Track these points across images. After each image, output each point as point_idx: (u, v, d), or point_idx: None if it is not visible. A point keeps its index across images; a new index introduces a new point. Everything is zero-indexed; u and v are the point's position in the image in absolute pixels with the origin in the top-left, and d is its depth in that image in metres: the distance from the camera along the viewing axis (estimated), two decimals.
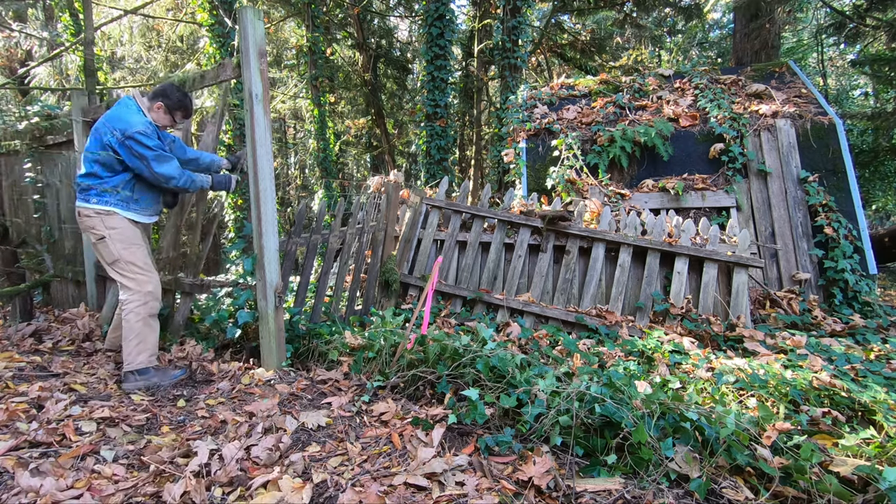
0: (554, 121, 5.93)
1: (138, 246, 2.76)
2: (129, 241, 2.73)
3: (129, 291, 2.69)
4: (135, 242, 2.75)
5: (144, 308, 2.69)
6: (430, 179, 9.05)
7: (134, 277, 2.70)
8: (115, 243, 2.68)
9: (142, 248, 2.78)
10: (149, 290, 2.71)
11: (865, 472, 1.71)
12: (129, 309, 2.67)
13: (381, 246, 4.56)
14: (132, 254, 2.71)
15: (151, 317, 2.73)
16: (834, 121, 5.22)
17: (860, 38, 8.93)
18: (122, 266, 2.70)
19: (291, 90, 13.61)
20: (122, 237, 2.71)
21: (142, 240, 2.82)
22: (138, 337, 2.66)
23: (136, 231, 2.79)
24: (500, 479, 1.78)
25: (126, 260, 2.69)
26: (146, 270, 2.75)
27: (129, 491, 1.64)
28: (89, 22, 4.31)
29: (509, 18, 8.79)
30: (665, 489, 1.72)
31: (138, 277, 2.71)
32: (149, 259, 2.80)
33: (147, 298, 2.70)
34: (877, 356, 3.31)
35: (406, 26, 15.98)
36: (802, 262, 4.91)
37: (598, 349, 3.33)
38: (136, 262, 2.72)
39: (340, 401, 2.44)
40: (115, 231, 2.69)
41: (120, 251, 2.68)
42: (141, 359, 2.66)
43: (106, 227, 2.68)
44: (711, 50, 15.87)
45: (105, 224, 2.68)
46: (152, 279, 2.75)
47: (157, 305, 2.76)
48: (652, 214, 4.51)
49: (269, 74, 2.71)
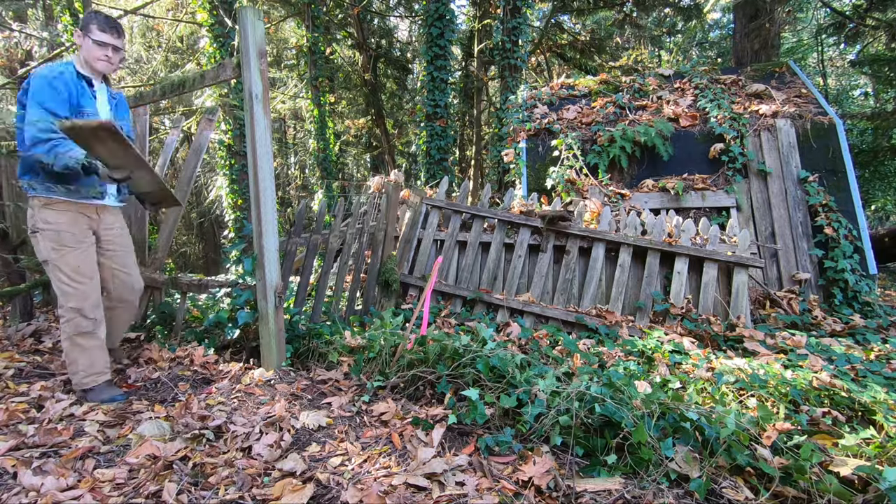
0: (554, 121, 5.93)
1: (71, 248, 2.33)
2: (61, 242, 2.30)
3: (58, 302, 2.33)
4: (67, 244, 2.31)
5: (69, 326, 2.32)
6: (430, 179, 9.05)
7: (58, 287, 2.30)
8: (45, 241, 2.28)
9: (76, 252, 2.33)
10: (71, 306, 2.31)
11: (865, 472, 1.71)
12: (60, 325, 2.35)
13: (381, 246, 4.56)
14: (61, 257, 2.29)
15: (80, 335, 2.34)
16: (834, 121, 5.22)
17: (860, 38, 8.94)
18: (49, 269, 2.32)
19: (291, 90, 13.61)
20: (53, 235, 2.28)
21: (84, 238, 2.37)
22: (67, 357, 2.35)
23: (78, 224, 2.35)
24: (500, 479, 1.78)
25: (53, 263, 2.29)
26: (74, 280, 2.32)
27: (130, 491, 1.64)
28: None
29: (509, 18, 8.79)
30: (665, 489, 1.72)
31: (62, 288, 2.30)
32: (86, 265, 2.37)
33: (71, 315, 2.31)
34: (877, 356, 3.31)
35: (406, 26, 15.99)
36: (802, 262, 4.91)
37: (598, 349, 3.32)
38: (63, 269, 2.30)
39: (340, 401, 2.44)
40: (48, 226, 2.28)
41: (49, 251, 2.28)
42: (77, 378, 2.36)
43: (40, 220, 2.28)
44: (711, 50, 15.88)
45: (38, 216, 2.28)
46: (79, 292, 2.32)
47: (85, 324, 2.34)
48: (652, 214, 4.51)
49: (269, 74, 2.71)
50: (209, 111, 3.19)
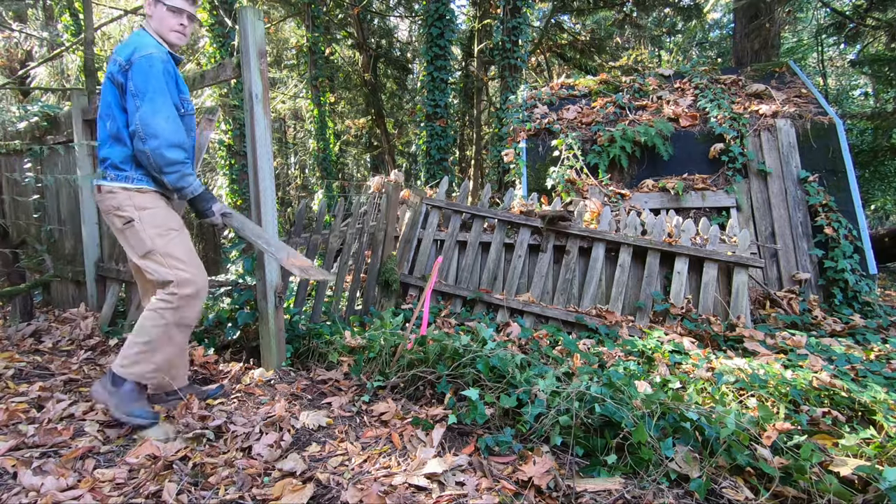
0: (554, 121, 5.93)
1: (178, 232, 2.18)
2: (167, 225, 2.15)
3: (166, 288, 2.07)
4: (173, 227, 2.17)
5: (174, 312, 2.05)
6: (430, 179, 9.05)
7: (174, 275, 2.07)
8: (147, 227, 2.09)
9: (183, 235, 2.19)
10: (188, 293, 2.07)
11: (865, 472, 1.71)
12: (154, 307, 2.04)
13: (381, 246, 4.55)
14: (170, 241, 2.13)
15: (180, 326, 2.08)
16: (834, 121, 5.22)
17: (860, 38, 8.94)
18: (154, 261, 2.09)
19: (291, 90, 13.62)
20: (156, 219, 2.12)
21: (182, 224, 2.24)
22: (148, 344, 2.03)
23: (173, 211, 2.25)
24: (500, 479, 1.78)
25: (161, 251, 2.09)
26: (190, 265, 2.12)
27: (130, 491, 1.64)
28: (89, 22, 4.31)
29: (509, 18, 8.79)
30: (665, 489, 1.72)
31: (180, 275, 2.07)
32: (193, 249, 2.22)
33: (181, 302, 2.06)
34: (877, 356, 3.31)
35: (406, 26, 15.99)
36: (802, 262, 4.91)
37: (598, 349, 3.32)
38: (175, 253, 2.11)
39: (340, 401, 2.44)
40: (145, 213, 2.10)
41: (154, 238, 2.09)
42: (136, 370, 2.02)
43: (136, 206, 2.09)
44: (711, 50, 15.88)
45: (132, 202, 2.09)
46: (198, 277, 2.12)
47: (193, 316, 2.11)
48: (652, 214, 4.51)
49: (269, 74, 2.71)
50: (209, 111, 3.19)
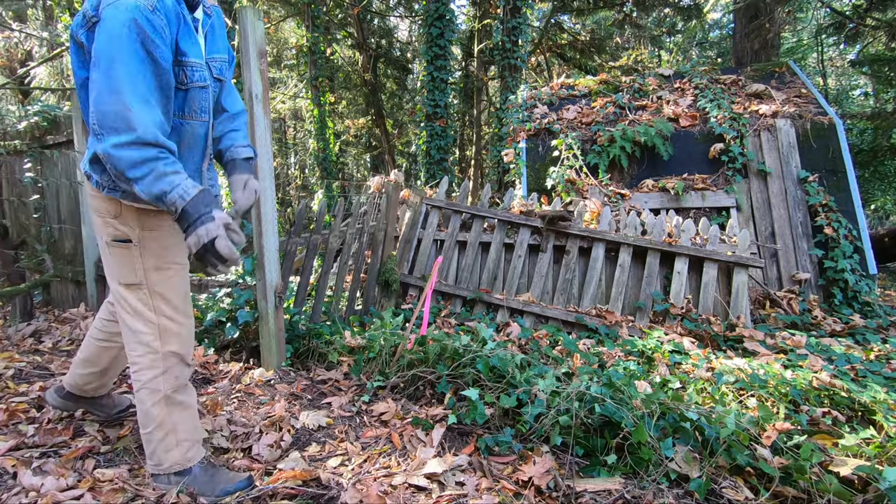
0: (554, 121, 5.93)
1: (180, 267, 1.62)
2: (168, 257, 1.58)
3: (139, 347, 1.54)
4: (176, 259, 1.61)
5: (166, 380, 1.56)
6: (430, 179, 9.05)
7: (157, 322, 1.55)
8: (146, 254, 1.53)
9: (184, 272, 1.65)
10: (172, 350, 1.57)
11: (865, 472, 1.71)
12: (140, 382, 1.56)
13: (381, 246, 4.55)
14: (167, 279, 1.57)
15: (178, 391, 1.60)
16: (834, 121, 5.22)
17: (860, 38, 8.94)
18: (135, 297, 1.54)
19: (291, 90, 13.62)
20: (157, 246, 1.56)
21: (185, 253, 1.62)
22: (161, 428, 1.58)
23: (177, 234, 1.60)
24: (500, 479, 1.78)
25: (152, 289, 1.54)
26: (181, 313, 1.60)
27: (130, 491, 1.64)
28: None
29: (509, 18, 8.79)
30: (665, 489, 1.72)
31: (163, 324, 1.55)
32: (188, 291, 1.67)
33: (168, 363, 1.56)
34: (877, 356, 3.31)
35: (406, 26, 15.99)
36: (802, 262, 4.91)
37: (598, 349, 3.33)
38: (168, 296, 1.57)
39: (340, 401, 2.44)
40: (149, 235, 1.54)
41: (148, 271, 1.54)
42: (173, 456, 1.60)
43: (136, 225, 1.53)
44: (711, 50, 15.88)
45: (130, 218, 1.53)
46: (184, 329, 1.61)
47: (186, 373, 1.62)
48: (652, 214, 4.51)
49: (269, 74, 2.71)
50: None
